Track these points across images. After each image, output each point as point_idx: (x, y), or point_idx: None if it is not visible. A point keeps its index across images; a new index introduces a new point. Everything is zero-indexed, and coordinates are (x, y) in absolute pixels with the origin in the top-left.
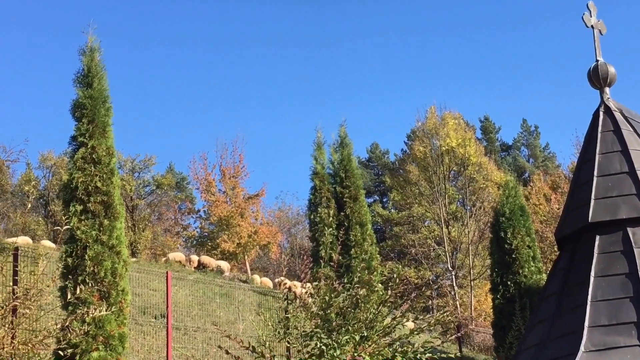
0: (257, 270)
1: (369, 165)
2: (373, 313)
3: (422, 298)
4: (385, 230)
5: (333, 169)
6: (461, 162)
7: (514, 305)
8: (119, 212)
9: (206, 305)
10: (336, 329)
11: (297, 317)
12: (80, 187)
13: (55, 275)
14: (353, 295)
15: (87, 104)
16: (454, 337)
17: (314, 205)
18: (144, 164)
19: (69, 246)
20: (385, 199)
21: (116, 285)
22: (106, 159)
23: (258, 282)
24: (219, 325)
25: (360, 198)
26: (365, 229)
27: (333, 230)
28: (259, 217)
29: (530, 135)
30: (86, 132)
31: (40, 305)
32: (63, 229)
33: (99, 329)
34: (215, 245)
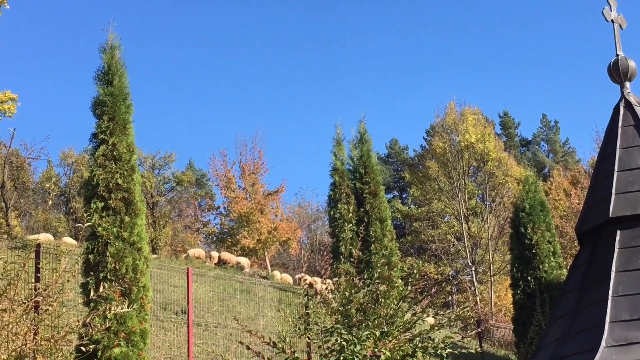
0: (277, 267)
1: (388, 161)
2: (393, 309)
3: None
4: (404, 226)
5: (353, 165)
6: (480, 157)
7: (534, 300)
8: (139, 208)
9: (226, 301)
10: (356, 325)
11: (318, 313)
12: (101, 184)
13: (77, 272)
14: (373, 291)
15: (107, 102)
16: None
17: (334, 201)
18: (164, 161)
19: (91, 243)
20: (404, 195)
21: (137, 281)
22: (127, 156)
23: (278, 278)
24: (239, 321)
25: (380, 194)
26: (385, 225)
27: (353, 226)
28: (279, 214)
29: (550, 131)
30: (107, 130)
31: (62, 302)
32: (85, 226)
33: (120, 325)
34: (235, 241)
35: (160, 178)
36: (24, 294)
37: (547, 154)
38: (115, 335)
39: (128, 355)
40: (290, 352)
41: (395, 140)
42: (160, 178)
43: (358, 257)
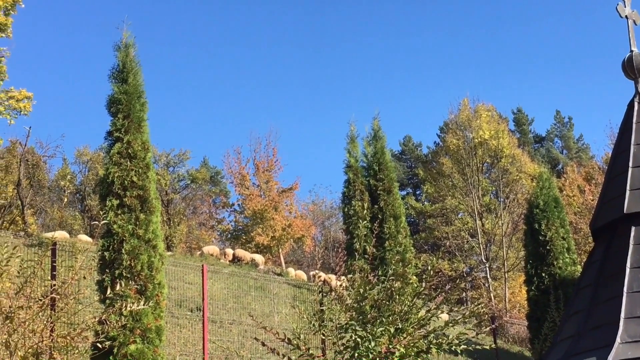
0: (292, 263)
1: (402, 158)
2: (408, 305)
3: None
4: (418, 222)
5: (367, 161)
6: (494, 154)
7: (548, 297)
8: (154, 206)
9: (241, 298)
10: (371, 321)
11: (332, 310)
12: (117, 182)
13: (93, 270)
14: (388, 287)
15: (122, 100)
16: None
17: (348, 198)
18: (178, 159)
19: (106, 240)
20: (418, 192)
21: (153, 278)
22: (142, 153)
23: (292, 275)
24: (254, 318)
25: (394, 191)
26: (399, 222)
27: (367, 223)
28: (293, 211)
29: (564, 127)
30: (122, 127)
31: (78, 299)
32: (100, 224)
33: (136, 322)
34: (250, 238)
35: (174, 175)
36: (40, 291)
37: (561, 151)
38: (131, 332)
39: (144, 352)
40: (305, 349)
41: (409, 137)
42: (175, 175)
43: (372, 253)
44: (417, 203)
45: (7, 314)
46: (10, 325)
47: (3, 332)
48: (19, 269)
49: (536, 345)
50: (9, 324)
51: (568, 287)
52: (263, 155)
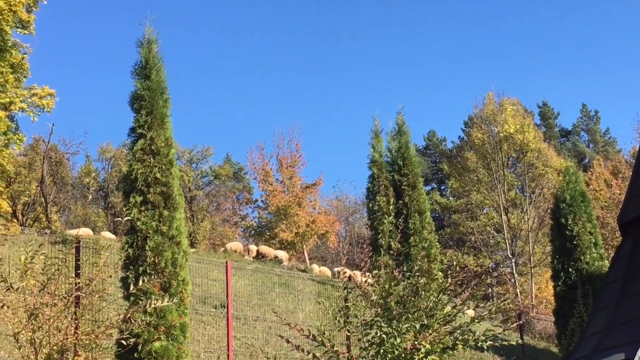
0: (316, 260)
1: (426, 152)
2: (433, 301)
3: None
4: (443, 218)
5: (391, 157)
6: (520, 148)
7: (575, 292)
8: (178, 202)
9: (265, 294)
10: (396, 318)
11: (357, 306)
12: (140, 179)
13: (117, 266)
14: (413, 283)
15: (145, 96)
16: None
17: (372, 193)
18: (201, 155)
19: (130, 237)
20: (443, 187)
21: (177, 275)
22: (165, 150)
23: (317, 272)
24: (278, 315)
25: (419, 186)
26: (424, 217)
27: (392, 219)
28: (317, 206)
29: (590, 120)
30: (145, 124)
31: (102, 296)
32: (124, 220)
33: (160, 319)
34: (274, 234)
35: (198, 172)
36: (65, 288)
37: (587, 144)
38: (155, 329)
39: (168, 349)
40: (330, 346)
41: (433, 132)
42: (198, 172)
43: (397, 249)
44: (442, 198)
45: (31, 311)
46: (34, 322)
47: (28, 330)
48: (43, 266)
49: (563, 341)
50: (33, 321)
51: (595, 282)
52: (286, 151)
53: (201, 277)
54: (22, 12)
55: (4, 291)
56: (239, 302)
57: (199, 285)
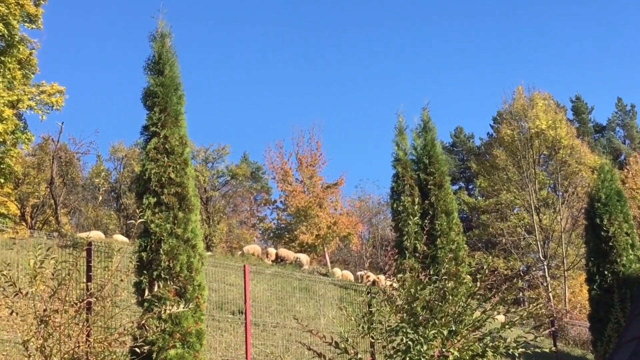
0: (338, 263)
1: (453, 150)
2: (461, 306)
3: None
4: (471, 218)
5: (416, 154)
6: (552, 145)
7: (612, 296)
8: (193, 204)
9: (285, 300)
10: (423, 323)
11: (382, 311)
12: (154, 179)
13: (130, 271)
14: (440, 287)
15: (158, 92)
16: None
17: (397, 193)
18: (217, 154)
19: (143, 240)
20: (471, 186)
21: (192, 280)
22: (179, 148)
23: (339, 275)
24: (299, 321)
25: (446, 185)
26: (451, 218)
27: (417, 220)
28: (339, 207)
29: (626, 115)
30: (158, 122)
31: (114, 302)
32: (137, 223)
33: (175, 325)
34: (293, 237)
35: (213, 172)
36: (76, 294)
37: (623, 140)
38: (171, 336)
39: (184, 356)
40: (353, 353)
41: (460, 129)
42: (214, 172)
43: (423, 252)
44: (470, 198)
45: (41, 317)
46: (45, 329)
47: (38, 337)
48: (54, 270)
49: (599, 348)
50: (44, 328)
51: (633, 285)
52: (306, 149)
53: (218, 282)
54: (29, 6)
55: (12, 297)
56: (257, 308)
57: (216, 290)
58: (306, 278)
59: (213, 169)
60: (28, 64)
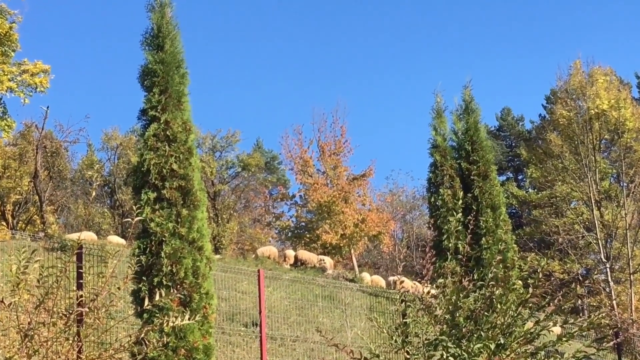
0: (367, 267)
1: (499, 135)
2: (511, 316)
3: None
4: (522, 214)
5: (457, 140)
6: (615, 128)
7: None
8: (199, 199)
9: (306, 309)
10: (466, 336)
11: (418, 323)
12: (153, 171)
13: (127, 277)
14: (486, 294)
15: (158, 70)
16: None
17: (435, 185)
18: (226, 141)
19: (142, 242)
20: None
21: (199, 287)
22: (182, 135)
23: (368, 281)
24: (322, 334)
25: (491, 175)
26: (498, 213)
27: (459, 216)
28: (367, 202)
29: None
30: (158, 104)
31: (109, 313)
32: (134, 222)
33: (180, 340)
34: (315, 237)
35: (222, 162)
36: (65, 304)
37: None
38: (174, 352)
39: None
40: None
41: (507, 110)
42: (223, 162)
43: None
44: (519, 190)
45: (26, 331)
46: (30, 345)
47: (22, 354)
48: (39, 277)
49: None
50: (28, 344)
51: None
52: (329, 136)
53: (228, 290)
54: None
55: None
56: (274, 319)
57: (226, 299)
58: (330, 284)
59: (221, 159)
60: (7, 40)
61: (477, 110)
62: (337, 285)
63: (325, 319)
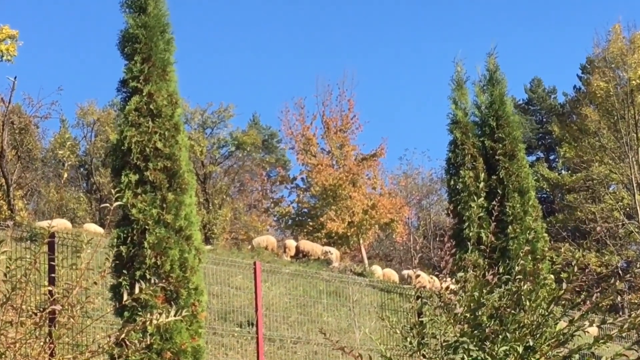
0: (377, 259)
1: (528, 109)
2: (541, 315)
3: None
4: (554, 199)
5: (480, 115)
6: None
7: None
8: (187, 182)
9: (308, 307)
10: (490, 338)
11: (436, 322)
12: (135, 150)
13: (105, 271)
14: (513, 290)
15: (140, 36)
16: None
17: (455, 166)
18: (218, 117)
19: (122, 230)
20: (552, 156)
21: (187, 282)
22: (168, 110)
23: (379, 275)
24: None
25: (519, 155)
26: (526, 198)
27: (482, 201)
28: (378, 186)
29: None
30: (140, 75)
31: (85, 312)
32: (113, 207)
33: (165, 341)
34: (319, 225)
35: (213, 140)
36: (35, 301)
37: None
38: (159, 355)
39: None
40: None
41: (538, 81)
42: (214, 140)
43: (490, 243)
44: (551, 172)
45: None
46: None
47: None
48: (6, 271)
49: None
50: None
51: None
52: (335, 110)
53: (220, 285)
54: None
55: None
56: (272, 319)
57: (218, 295)
58: (336, 279)
59: (213, 136)
60: None
61: (503, 81)
62: (343, 279)
63: (330, 318)
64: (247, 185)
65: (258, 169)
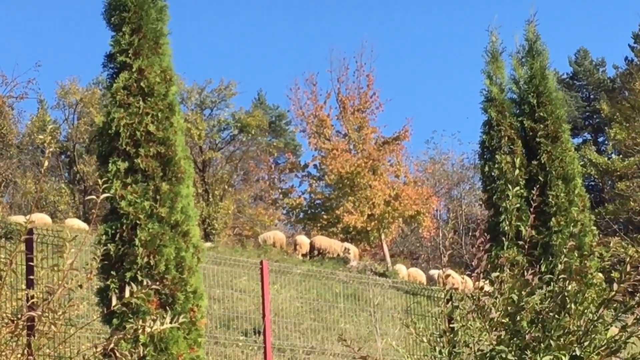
0: (402, 257)
1: (574, 85)
2: (589, 319)
3: None
4: (603, 187)
5: (518, 92)
6: None
7: None
8: (183, 170)
9: (323, 313)
10: (531, 346)
11: (469, 329)
12: (124, 134)
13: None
14: (557, 291)
15: (129, 3)
16: None
17: (490, 150)
18: (218, 96)
19: (110, 226)
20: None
21: (184, 284)
22: (161, 87)
23: (404, 276)
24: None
25: (563, 137)
26: (571, 187)
27: (521, 190)
28: (401, 173)
29: None
30: (129, 48)
31: (69, 319)
32: (99, 200)
33: (160, 352)
34: (334, 218)
35: (213, 122)
36: (11, 306)
37: None
38: None
39: None
40: None
41: (584, 52)
42: (214, 122)
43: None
44: (600, 157)
45: None
46: None
47: None
48: None
49: None
50: None
51: None
52: (352, 87)
53: (222, 287)
54: None
55: None
56: (281, 326)
57: (220, 299)
58: (355, 280)
59: (212, 118)
60: None
61: (545, 52)
62: (363, 281)
63: (349, 324)
64: (252, 173)
65: (264, 155)
